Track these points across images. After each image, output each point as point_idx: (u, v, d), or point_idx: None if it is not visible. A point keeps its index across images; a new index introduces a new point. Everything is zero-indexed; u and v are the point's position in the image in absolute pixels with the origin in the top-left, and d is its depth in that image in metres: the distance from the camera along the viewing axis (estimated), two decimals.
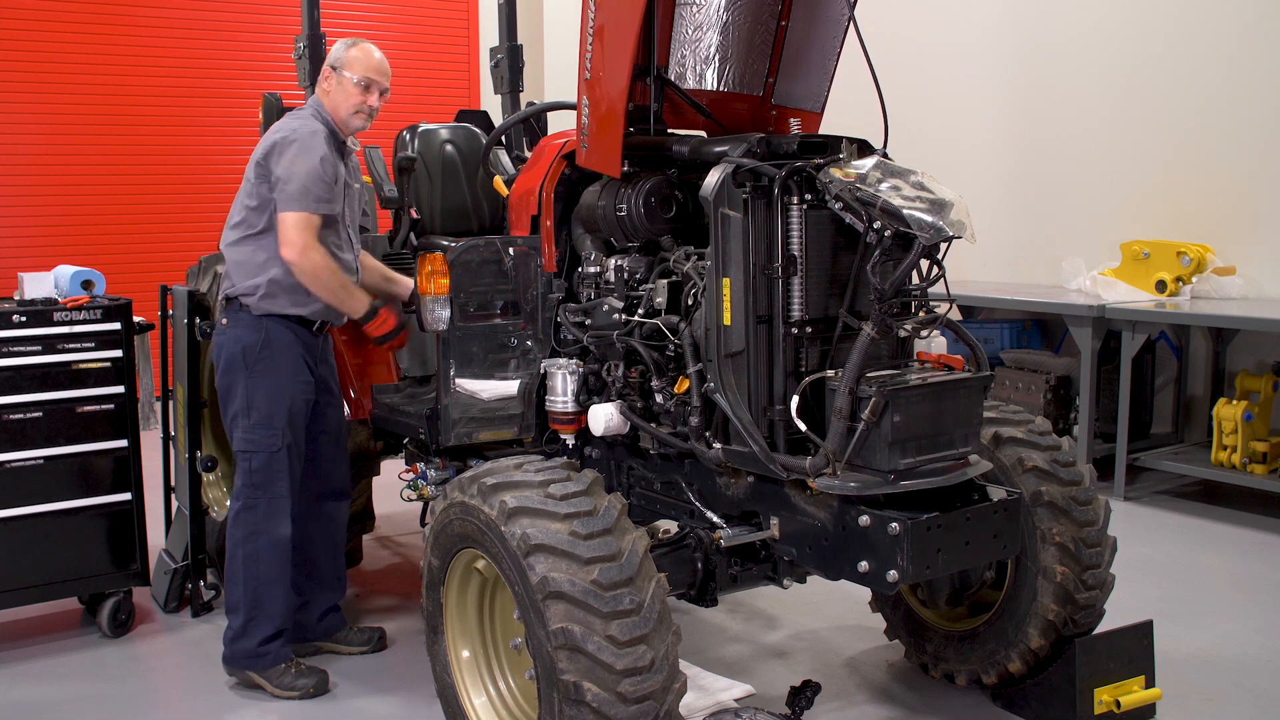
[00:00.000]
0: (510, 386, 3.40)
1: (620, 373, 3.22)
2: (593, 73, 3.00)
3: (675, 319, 3.00)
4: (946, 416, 2.76)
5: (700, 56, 3.45)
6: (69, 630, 4.21)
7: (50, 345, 3.93)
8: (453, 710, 3.07)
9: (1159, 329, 6.34)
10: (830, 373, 2.77)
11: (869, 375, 2.70)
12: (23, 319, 3.89)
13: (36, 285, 4.08)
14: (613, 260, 3.23)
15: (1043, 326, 7.18)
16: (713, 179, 2.79)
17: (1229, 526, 5.53)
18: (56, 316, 3.95)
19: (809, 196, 2.79)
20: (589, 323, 3.31)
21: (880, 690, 3.65)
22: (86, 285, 4.12)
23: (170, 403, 4.60)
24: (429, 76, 9.62)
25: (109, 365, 4.03)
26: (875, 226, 2.66)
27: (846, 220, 2.76)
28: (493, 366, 3.40)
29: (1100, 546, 3.26)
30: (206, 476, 4.56)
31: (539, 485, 2.70)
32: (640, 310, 3.12)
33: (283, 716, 3.53)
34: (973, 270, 7.34)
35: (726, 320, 2.79)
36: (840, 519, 2.77)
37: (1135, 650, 3.33)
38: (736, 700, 3.23)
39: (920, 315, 2.80)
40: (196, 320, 4.19)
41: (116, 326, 4.05)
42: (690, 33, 3.40)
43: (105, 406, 4.04)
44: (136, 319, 4.16)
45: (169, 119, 8.48)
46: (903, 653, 3.79)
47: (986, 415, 3.28)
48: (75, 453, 4.00)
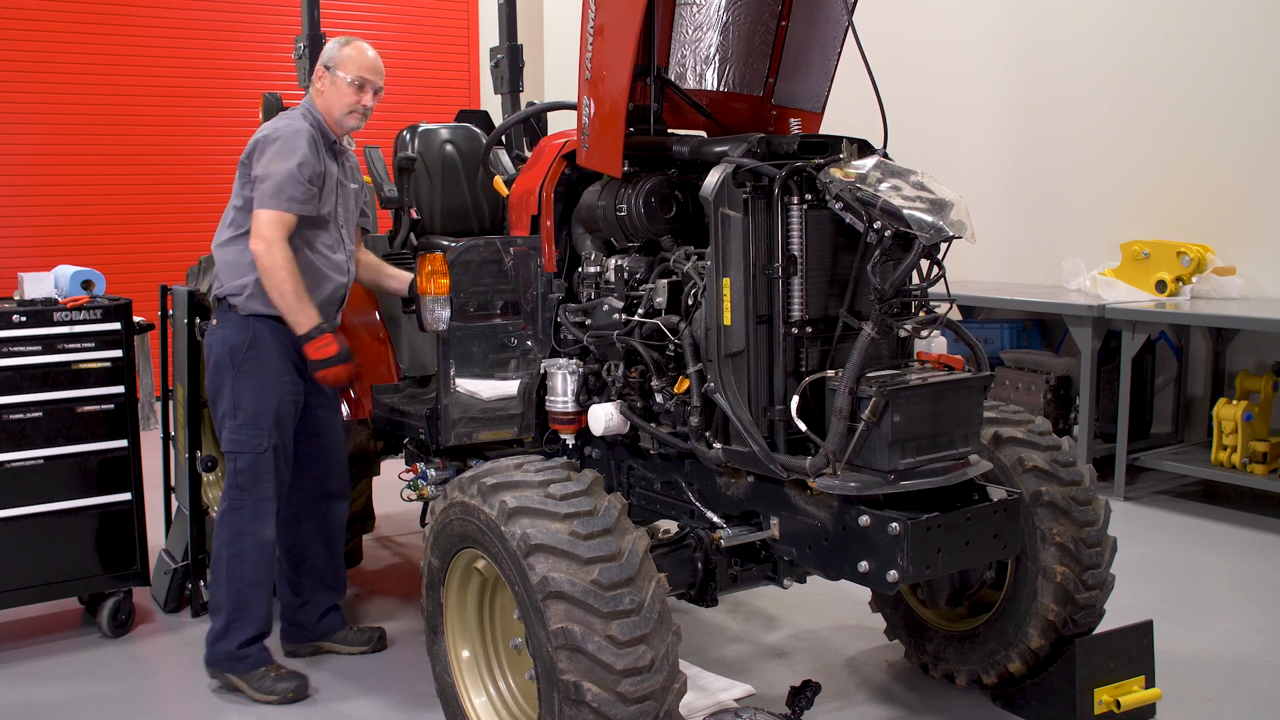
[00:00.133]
0: (510, 386, 3.40)
1: (620, 373, 3.22)
2: (593, 73, 3.00)
3: (675, 319, 3.00)
4: (946, 416, 2.76)
5: (700, 56, 3.45)
6: (69, 630, 4.21)
7: (50, 345, 3.93)
8: (453, 710, 3.07)
9: (1159, 329, 6.34)
10: (830, 373, 2.77)
11: (869, 375, 2.70)
12: (23, 319, 3.89)
13: (36, 285, 4.08)
14: (613, 260, 3.23)
15: (1043, 326, 7.18)
16: (713, 179, 2.79)
17: (1229, 526, 5.53)
18: (56, 316, 3.95)
19: (809, 196, 2.79)
20: (589, 323, 3.31)
21: (880, 690, 3.65)
22: (86, 285, 4.12)
23: (170, 403, 4.60)
24: (429, 76, 9.62)
25: (109, 365, 4.03)
26: (875, 226, 2.66)
27: (846, 220, 2.76)
28: (493, 366, 3.40)
29: (1100, 546, 3.26)
30: (206, 476, 4.56)
31: (539, 485, 2.70)
32: (640, 310, 3.12)
33: (282, 717, 3.53)
34: (973, 270, 7.34)
35: (726, 320, 2.79)
36: (840, 519, 2.77)
37: (1135, 650, 3.33)
38: (736, 700, 3.23)
39: (920, 315, 2.80)
40: (196, 320, 4.19)
41: (116, 326, 4.05)
42: (690, 33, 3.40)
43: (105, 406, 4.03)
44: (136, 319, 4.16)
45: (169, 119, 8.48)
46: (903, 653, 3.79)
47: (986, 415, 3.28)
48: (75, 453, 3.99)
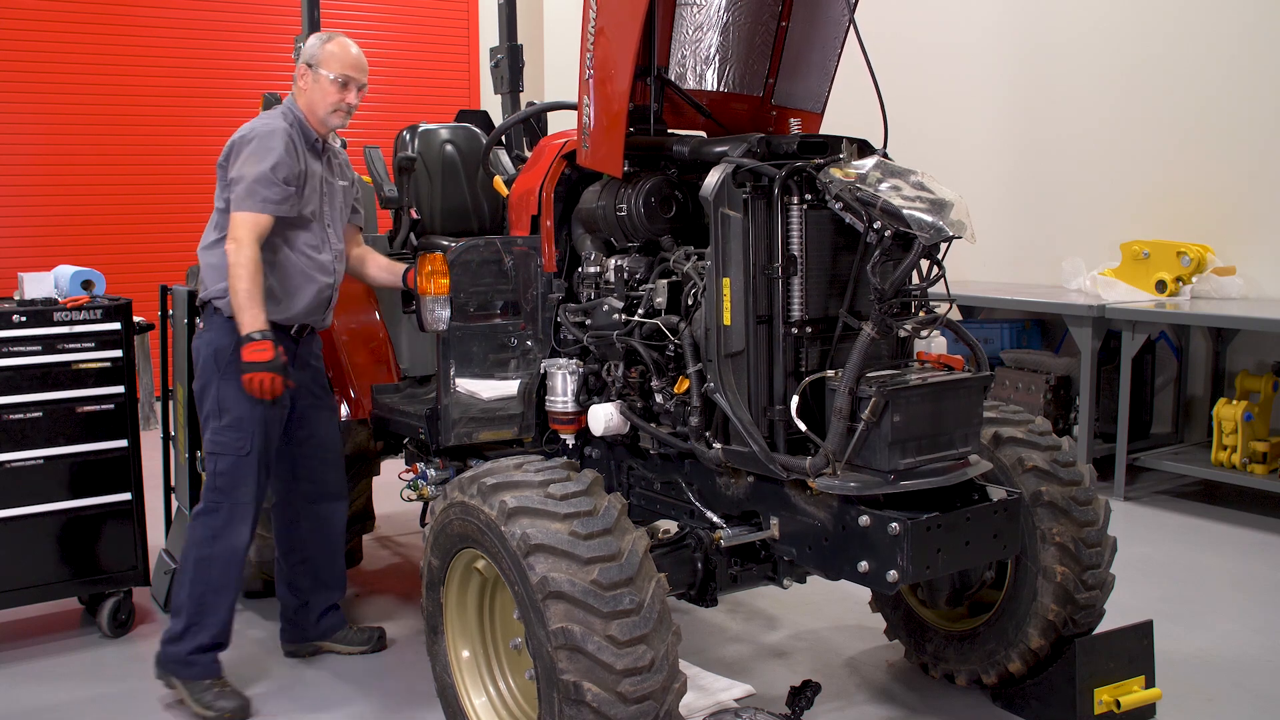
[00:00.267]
0: (510, 386, 3.40)
1: (620, 373, 3.22)
2: (593, 73, 3.00)
3: (675, 319, 3.00)
4: (946, 416, 2.76)
5: (701, 57, 3.45)
6: (69, 630, 4.21)
7: (50, 345, 3.93)
8: (453, 710, 3.07)
9: (1159, 329, 6.34)
10: (830, 373, 2.77)
11: (869, 375, 2.70)
12: (23, 319, 3.89)
13: (36, 285, 4.08)
14: (613, 260, 3.23)
15: (1043, 326, 7.18)
16: (713, 179, 2.79)
17: (1229, 526, 5.53)
18: (56, 316, 3.95)
19: (809, 196, 2.79)
20: (589, 323, 3.31)
21: (880, 690, 3.65)
22: (86, 285, 4.12)
23: (170, 403, 4.60)
24: (429, 76, 9.62)
25: (109, 365, 4.03)
26: (875, 226, 2.66)
27: (846, 220, 2.76)
28: (493, 366, 3.40)
29: (1100, 546, 3.26)
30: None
31: (539, 485, 2.70)
32: (640, 310, 3.12)
33: (283, 716, 3.53)
34: (973, 270, 7.34)
35: (726, 320, 2.79)
36: (840, 519, 2.77)
37: (1135, 650, 3.33)
38: (736, 700, 3.23)
39: (920, 315, 2.80)
40: (196, 320, 4.19)
41: (116, 326, 4.05)
42: (691, 33, 3.40)
43: (105, 406, 4.03)
44: (136, 319, 4.16)
45: (169, 119, 8.48)
46: (903, 653, 3.79)
47: (986, 415, 3.28)
48: (75, 453, 3.99)
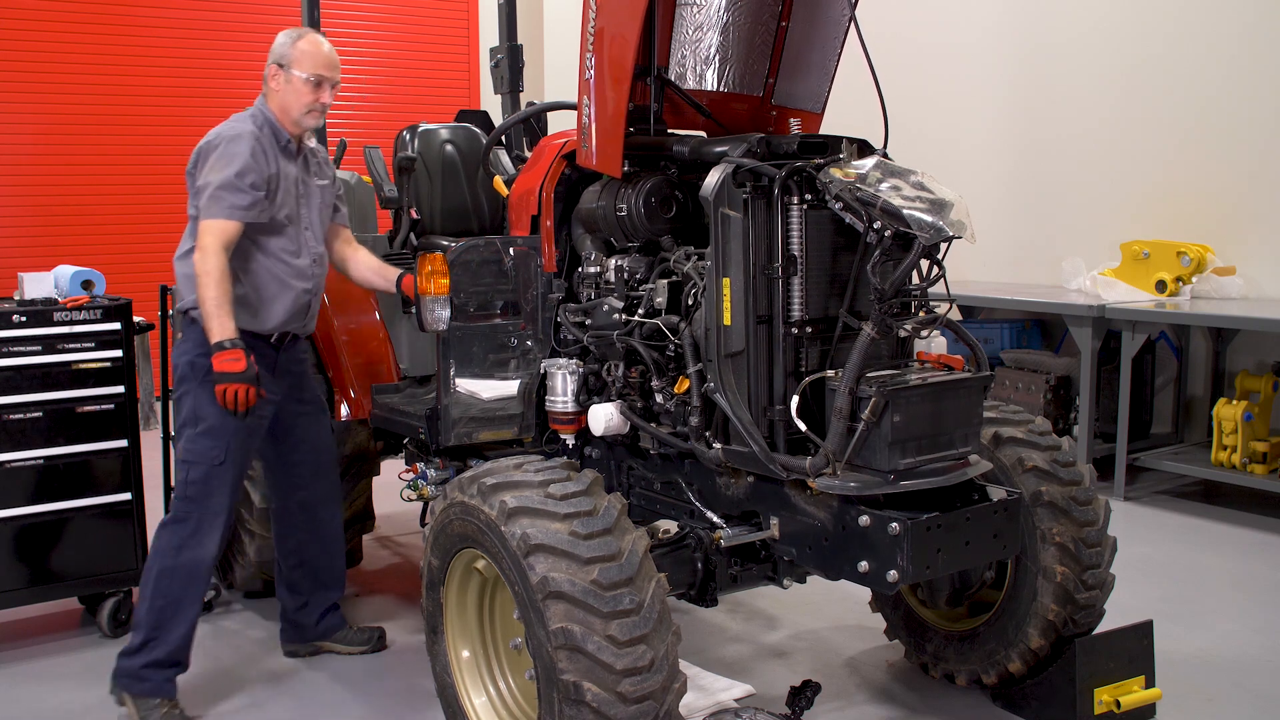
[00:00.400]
0: (510, 386, 3.40)
1: (620, 373, 3.22)
2: (593, 73, 3.00)
3: (675, 319, 3.00)
4: (946, 416, 2.76)
5: (700, 57, 3.45)
6: (69, 630, 4.21)
7: (50, 345, 3.93)
8: (453, 710, 3.07)
9: (1159, 329, 6.34)
10: (830, 373, 2.77)
11: (869, 375, 2.70)
12: (23, 319, 3.89)
13: (36, 285, 4.08)
14: (613, 260, 3.23)
15: (1043, 326, 7.18)
16: (713, 179, 2.79)
17: (1229, 526, 5.53)
18: (56, 316, 3.95)
19: (809, 196, 2.79)
20: (589, 323, 3.31)
21: (880, 690, 3.65)
22: (86, 285, 4.13)
23: (170, 403, 4.60)
24: (429, 76, 9.62)
25: (109, 365, 4.03)
26: (875, 226, 2.66)
27: (846, 220, 2.76)
28: (493, 366, 3.40)
29: (1100, 546, 3.26)
30: None
31: (539, 485, 2.70)
32: (640, 310, 3.12)
33: (283, 716, 3.53)
34: (973, 270, 7.34)
35: (726, 320, 2.79)
36: (840, 519, 2.77)
37: (1135, 650, 3.33)
38: (736, 700, 3.24)
39: (920, 315, 2.80)
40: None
41: (116, 326, 4.05)
42: (690, 33, 3.40)
43: (105, 406, 4.04)
44: (136, 319, 4.16)
45: (169, 119, 8.47)
46: (903, 653, 3.79)
47: (986, 415, 3.28)
48: (75, 453, 3.99)
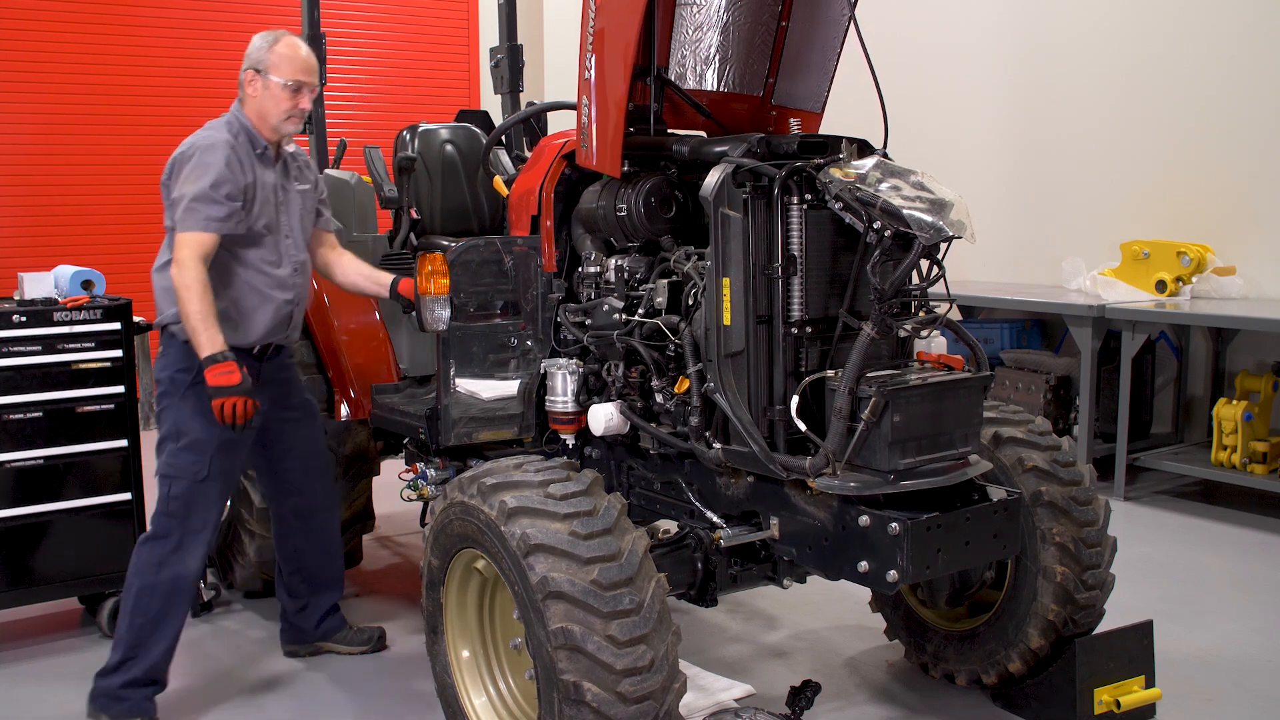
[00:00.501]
0: (510, 386, 3.40)
1: (620, 373, 3.22)
2: (593, 73, 3.00)
3: (675, 319, 3.00)
4: (946, 416, 2.76)
5: (700, 57, 3.45)
6: (69, 630, 4.21)
7: (50, 345, 3.93)
8: (453, 710, 3.07)
9: (1159, 329, 6.34)
10: (830, 373, 2.77)
11: (869, 375, 2.70)
12: (23, 319, 3.89)
13: (36, 285, 4.08)
14: (613, 260, 3.23)
15: (1043, 326, 7.18)
16: (713, 179, 2.79)
17: (1229, 526, 5.53)
18: (56, 316, 3.94)
19: (809, 196, 2.79)
20: (589, 323, 3.31)
21: (880, 690, 3.65)
22: (86, 285, 4.12)
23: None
24: (429, 76, 9.62)
25: (109, 365, 4.03)
26: (875, 226, 2.66)
27: (846, 220, 2.76)
28: (493, 366, 3.40)
29: (1100, 546, 3.26)
30: None
31: (539, 485, 2.70)
32: (640, 310, 3.12)
33: (283, 716, 3.53)
34: (973, 270, 7.34)
35: (726, 320, 2.79)
36: (840, 519, 2.77)
37: (1135, 650, 3.33)
38: (736, 700, 3.24)
39: (920, 315, 2.80)
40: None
41: (116, 326, 4.05)
42: (690, 33, 3.40)
43: (105, 406, 4.03)
44: (136, 319, 4.15)
45: (169, 119, 8.45)
46: (903, 653, 3.79)
47: (986, 415, 3.28)
48: (75, 453, 3.99)
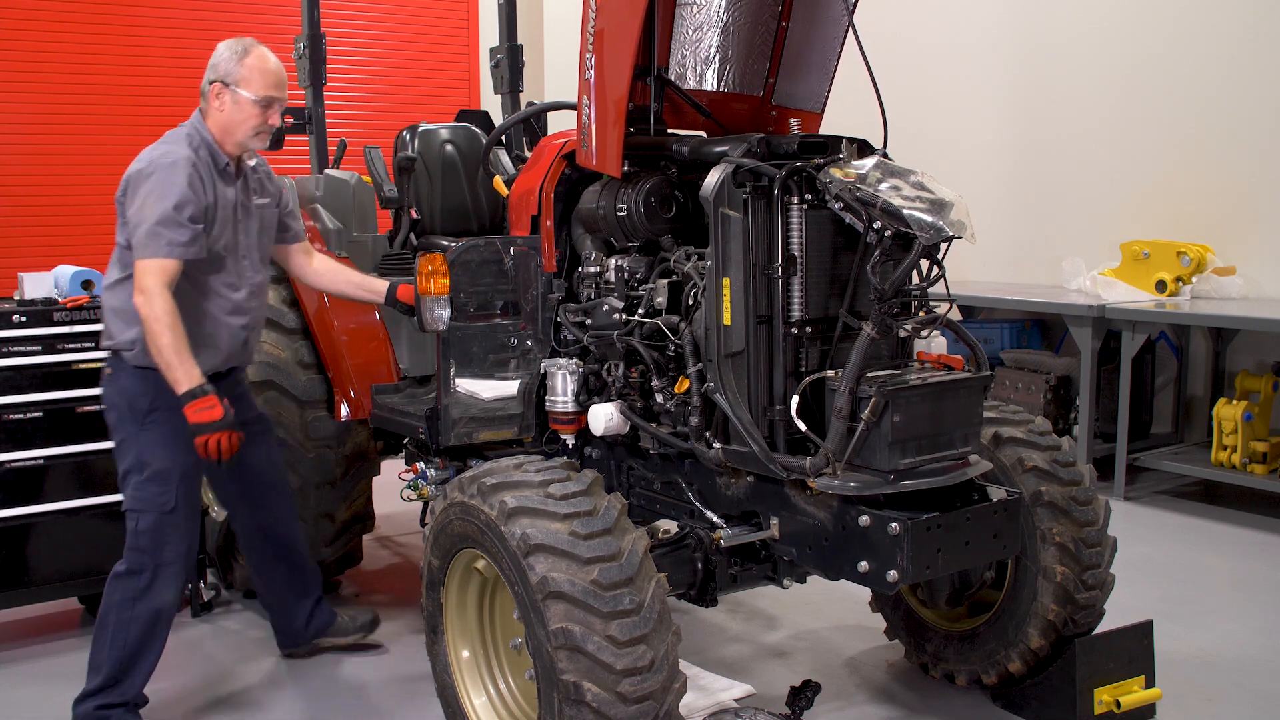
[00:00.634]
0: (510, 386, 3.40)
1: (620, 373, 3.22)
2: (593, 73, 3.00)
3: (675, 319, 3.00)
4: (946, 416, 2.76)
5: (700, 57, 3.45)
6: (69, 630, 4.21)
7: (50, 345, 3.93)
8: (453, 710, 3.07)
9: (1159, 329, 6.34)
10: (830, 373, 2.77)
11: (869, 375, 2.70)
12: (23, 319, 3.89)
13: (36, 285, 4.08)
14: (613, 260, 3.23)
15: (1043, 326, 7.18)
16: (713, 179, 2.79)
17: (1229, 526, 5.53)
18: (56, 316, 3.95)
19: (809, 196, 2.79)
20: (589, 323, 3.31)
21: (880, 690, 3.65)
22: (86, 285, 4.13)
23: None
24: (429, 76, 9.62)
25: None
26: (875, 226, 2.66)
27: (846, 220, 2.76)
28: (493, 366, 3.40)
29: (1100, 546, 3.26)
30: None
31: (539, 485, 2.70)
32: (640, 310, 3.12)
33: (283, 716, 3.54)
34: (973, 270, 7.34)
35: (726, 320, 2.79)
36: (840, 519, 2.77)
37: (1135, 650, 3.33)
38: (736, 700, 3.24)
39: (920, 315, 2.80)
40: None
41: None
42: (690, 33, 3.40)
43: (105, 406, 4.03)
44: None
45: (169, 119, 8.40)
46: (903, 653, 3.79)
47: (986, 415, 3.28)
48: (75, 453, 4.00)
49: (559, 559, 2.53)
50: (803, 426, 2.76)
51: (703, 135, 3.33)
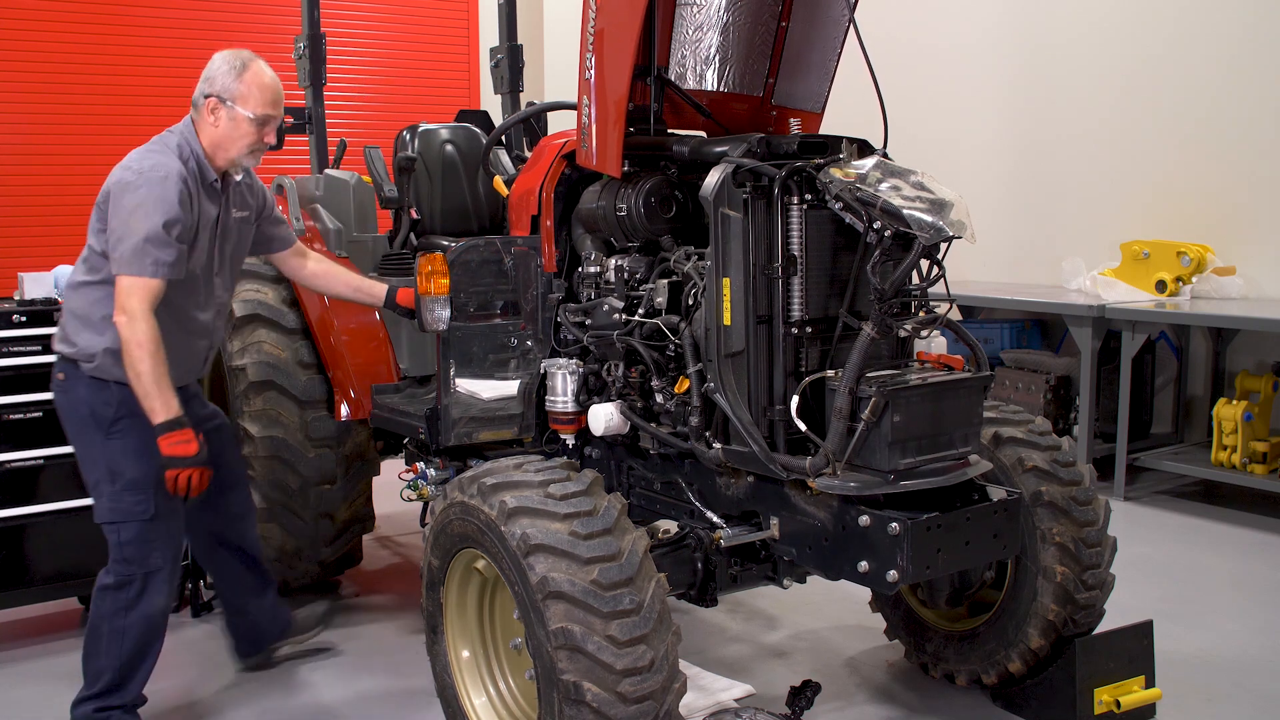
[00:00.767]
0: (510, 386, 3.40)
1: (620, 373, 3.22)
2: (593, 73, 3.00)
3: (675, 319, 3.00)
4: (946, 416, 2.76)
5: (700, 57, 3.45)
6: (69, 630, 4.21)
7: (50, 345, 3.92)
8: (453, 710, 3.07)
9: (1159, 329, 6.34)
10: (830, 373, 2.77)
11: (869, 375, 2.70)
12: (23, 319, 3.89)
13: (36, 285, 4.08)
14: (613, 260, 3.23)
15: (1043, 326, 7.18)
16: (713, 179, 2.79)
17: (1229, 526, 5.53)
18: (56, 316, 3.94)
19: (809, 196, 2.79)
20: (589, 323, 3.31)
21: (880, 690, 3.65)
22: None
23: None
24: (429, 76, 9.62)
25: None
26: (875, 226, 2.66)
27: (846, 220, 2.76)
28: (493, 366, 3.40)
29: (1100, 546, 3.27)
30: None
31: (539, 485, 2.70)
32: (640, 310, 3.12)
33: (283, 716, 3.53)
34: (973, 270, 7.34)
35: (726, 320, 2.79)
36: (840, 519, 2.77)
37: (1135, 650, 3.33)
38: (736, 700, 3.24)
39: (920, 315, 2.80)
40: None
41: None
42: (690, 33, 3.40)
43: None
44: None
45: (169, 119, 8.43)
46: (903, 653, 3.79)
47: (986, 415, 3.28)
48: (75, 453, 3.98)
49: (559, 559, 2.53)
50: (803, 426, 2.75)
51: (703, 135, 3.33)
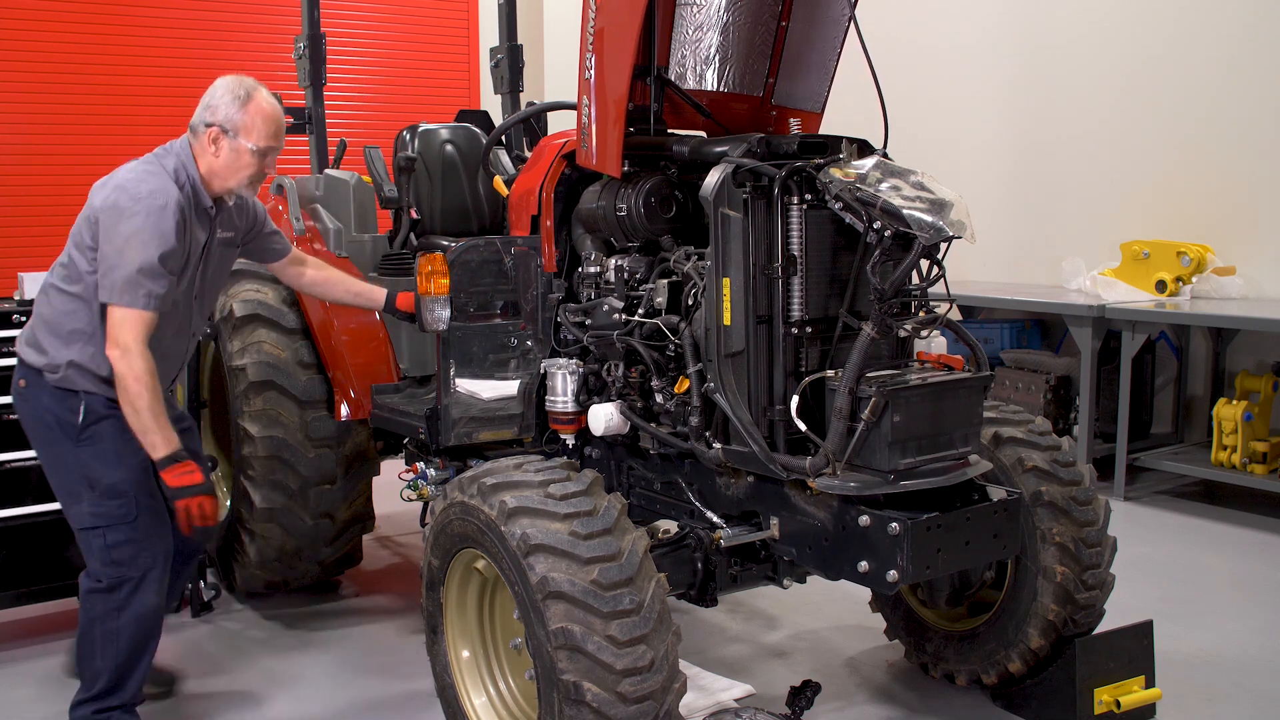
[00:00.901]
0: (510, 386, 3.40)
1: (620, 373, 3.22)
2: (593, 73, 3.00)
3: (675, 319, 3.00)
4: (946, 416, 2.76)
5: (700, 57, 3.45)
6: (69, 630, 4.20)
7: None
8: (453, 710, 3.07)
9: (1159, 329, 6.34)
10: (830, 373, 2.77)
11: (869, 375, 2.70)
12: (23, 319, 3.89)
13: (36, 285, 4.06)
14: (613, 260, 3.23)
15: (1043, 326, 7.18)
16: (713, 179, 2.79)
17: (1229, 526, 5.53)
18: None
19: (809, 196, 2.79)
20: (589, 323, 3.31)
21: (880, 690, 3.65)
22: None
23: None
24: (429, 76, 9.62)
25: None
26: (875, 226, 2.67)
27: (846, 220, 2.76)
28: (493, 366, 3.40)
29: (1100, 546, 3.27)
30: None
31: (539, 485, 2.70)
32: (640, 310, 3.12)
33: (282, 716, 3.53)
34: (973, 270, 7.34)
35: (726, 320, 2.79)
36: (840, 519, 2.77)
37: (1135, 650, 3.33)
38: (736, 700, 3.24)
39: (920, 315, 2.80)
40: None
41: None
42: (690, 33, 3.40)
43: None
44: None
45: (169, 119, 8.43)
46: (903, 653, 3.79)
47: (986, 415, 3.28)
48: None
49: (559, 559, 2.53)
50: (803, 426, 2.76)
51: (703, 135, 3.33)
